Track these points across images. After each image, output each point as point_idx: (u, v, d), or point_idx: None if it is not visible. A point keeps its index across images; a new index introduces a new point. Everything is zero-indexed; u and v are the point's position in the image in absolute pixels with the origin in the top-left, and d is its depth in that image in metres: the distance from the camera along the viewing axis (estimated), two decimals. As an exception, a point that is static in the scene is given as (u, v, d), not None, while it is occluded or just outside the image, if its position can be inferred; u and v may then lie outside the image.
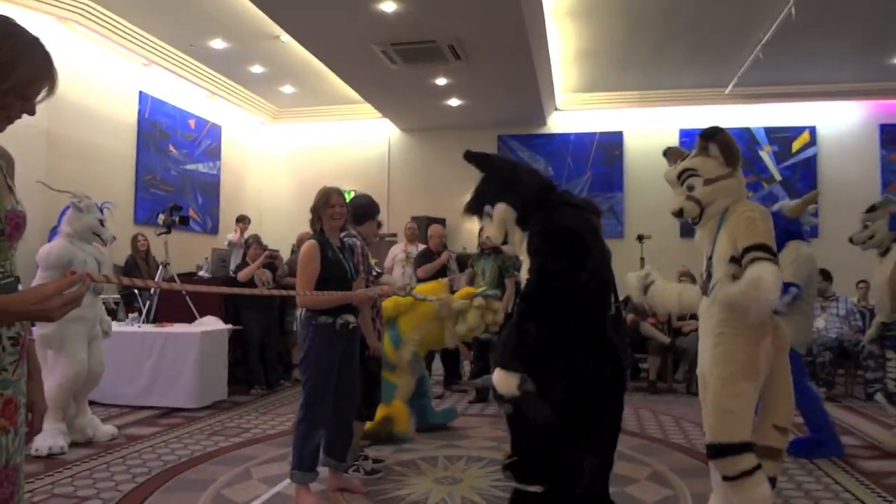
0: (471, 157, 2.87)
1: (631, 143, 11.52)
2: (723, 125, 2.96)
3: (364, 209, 4.32)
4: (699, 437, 4.63)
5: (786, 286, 3.99)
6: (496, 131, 11.79)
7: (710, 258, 2.84)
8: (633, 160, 11.46)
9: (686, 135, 11.04)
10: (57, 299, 1.34)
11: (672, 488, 3.80)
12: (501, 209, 2.64)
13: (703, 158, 2.89)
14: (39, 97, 1.47)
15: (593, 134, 11.64)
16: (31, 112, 1.48)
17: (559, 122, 11.80)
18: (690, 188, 2.88)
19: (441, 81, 9.46)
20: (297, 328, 5.35)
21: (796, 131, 11.10)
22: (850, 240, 4.73)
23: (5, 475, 1.44)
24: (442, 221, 10.88)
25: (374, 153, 12.31)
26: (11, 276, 1.48)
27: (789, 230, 4.31)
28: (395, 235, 9.96)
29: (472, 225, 11.25)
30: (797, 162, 11.08)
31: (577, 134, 11.72)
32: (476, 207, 2.79)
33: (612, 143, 11.57)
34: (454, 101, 10.44)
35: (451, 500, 3.59)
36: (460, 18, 7.31)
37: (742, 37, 8.54)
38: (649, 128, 11.39)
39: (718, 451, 2.67)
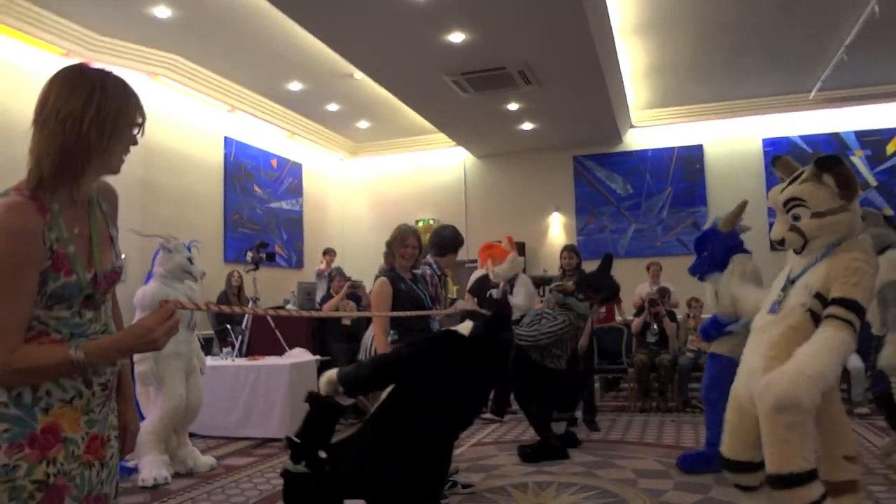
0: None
1: (712, 156, 11.22)
2: (809, 131, 2.84)
3: (448, 241, 4.42)
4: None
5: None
6: (571, 152, 11.72)
7: (793, 281, 2.70)
8: (715, 173, 11.13)
9: (770, 143, 10.66)
10: (159, 329, 1.45)
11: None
12: None
13: (815, 187, 2.64)
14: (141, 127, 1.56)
15: (672, 149, 11.40)
16: (136, 141, 1.55)
17: (636, 139, 11.62)
18: (796, 218, 2.68)
19: (513, 106, 9.51)
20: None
21: (889, 133, 10.53)
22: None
23: None
24: (522, 245, 10.86)
25: (450, 180, 12.45)
26: (107, 328, 1.58)
27: (729, 245, 4.35)
28: (475, 261, 10.00)
29: (552, 249, 11.19)
30: (894, 165, 10.50)
31: (654, 150, 11.51)
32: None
33: (692, 157, 11.30)
34: (527, 126, 10.46)
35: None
36: (528, 44, 7.36)
37: (822, 39, 8.22)
38: (730, 139, 11.06)
39: (781, 481, 2.49)
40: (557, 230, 11.75)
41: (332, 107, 10.45)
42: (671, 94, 10.43)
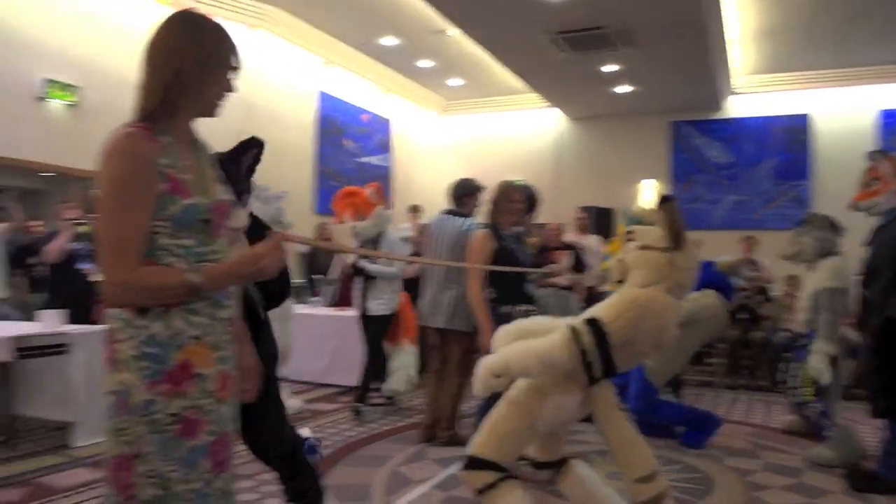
0: None
1: (820, 127, 10.57)
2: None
3: (529, 199, 4.36)
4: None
5: None
6: (668, 117, 11.30)
7: None
8: (823, 145, 10.50)
9: (888, 116, 9.97)
10: (269, 257, 1.50)
11: None
12: None
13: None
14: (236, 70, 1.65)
15: (775, 118, 10.81)
16: (231, 87, 1.64)
17: (736, 106, 11.08)
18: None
19: (610, 68, 9.22)
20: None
21: None
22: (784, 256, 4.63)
23: (224, 441, 1.60)
24: (610, 211, 10.64)
25: (542, 143, 12.25)
26: (225, 257, 1.63)
27: (712, 281, 4.72)
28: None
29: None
30: None
31: (756, 118, 10.95)
32: None
33: (796, 127, 10.69)
34: (624, 88, 10.13)
35: (624, 497, 3.51)
36: (629, 3, 7.06)
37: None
38: (841, 109, 10.38)
39: None
40: (650, 197, 11.43)
41: (425, 63, 10.40)
42: (779, 60, 9.85)
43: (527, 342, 2.56)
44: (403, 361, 5.59)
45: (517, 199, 3.81)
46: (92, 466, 3.80)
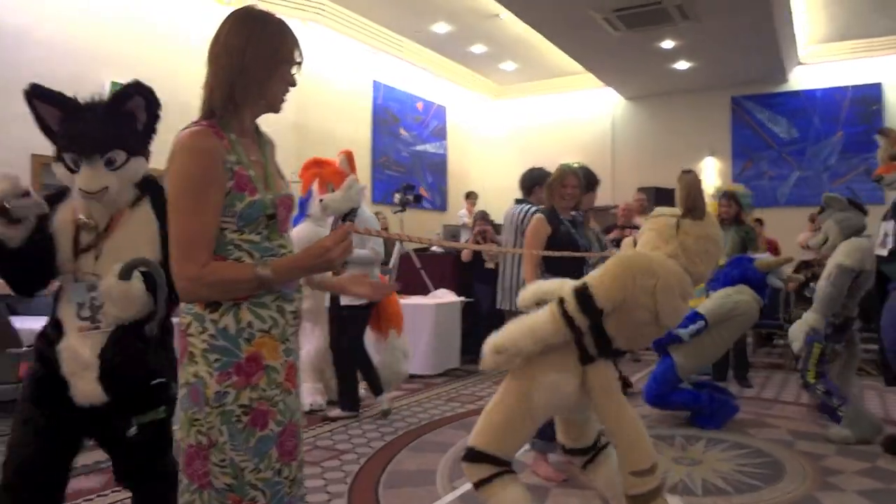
0: None
1: (893, 96, 10.10)
2: None
3: (585, 180, 4.31)
4: None
5: (695, 316, 4.41)
6: (730, 92, 10.98)
7: None
8: (897, 114, 10.05)
9: (966, 81, 9.46)
10: (335, 249, 1.53)
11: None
12: None
13: None
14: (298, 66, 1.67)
15: (845, 88, 10.38)
16: (293, 81, 1.66)
17: (803, 78, 10.68)
18: None
19: (668, 44, 9.00)
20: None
21: None
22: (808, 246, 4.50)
23: (291, 430, 1.64)
24: (670, 192, 10.41)
25: (597, 124, 12.07)
26: (291, 251, 1.67)
27: (748, 277, 4.68)
28: (616, 207, 9.71)
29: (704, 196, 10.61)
30: None
31: (824, 89, 10.53)
32: None
33: (868, 98, 10.24)
34: (682, 64, 9.88)
35: (690, 481, 3.46)
36: (689, -26, 6.89)
37: None
38: (917, 76, 9.91)
39: None
40: (711, 176, 11.13)
41: (478, 48, 10.35)
42: (850, 26, 9.43)
43: (524, 317, 2.41)
44: (390, 358, 5.07)
45: (572, 183, 3.78)
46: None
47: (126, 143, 2.04)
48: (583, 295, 2.32)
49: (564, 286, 2.47)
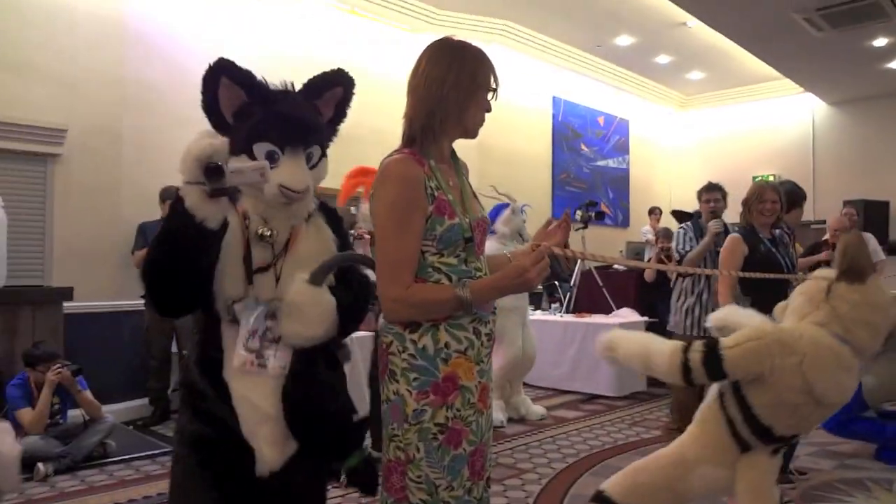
0: None
1: None
2: None
3: (790, 196, 4.03)
4: None
5: None
6: (953, 93, 9.73)
7: None
8: None
9: None
10: (533, 270, 1.55)
11: None
12: None
13: None
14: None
15: None
16: (489, 107, 1.73)
17: None
18: None
19: (880, 42, 8.15)
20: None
21: None
22: None
23: (481, 450, 1.67)
24: (884, 205, 9.40)
25: (793, 132, 11.18)
26: (486, 273, 1.71)
27: None
28: (822, 222, 8.91)
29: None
30: None
31: None
32: None
33: None
34: (897, 64, 8.91)
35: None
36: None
37: None
38: None
39: None
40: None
41: (663, 59, 10.01)
42: None
43: (653, 336, 2.33)
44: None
45: (770, 199, 3.54)
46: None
47: (322, 139, 1.86)
48: (712, 353, 2.17)
49: (752, 319, 2.33)
